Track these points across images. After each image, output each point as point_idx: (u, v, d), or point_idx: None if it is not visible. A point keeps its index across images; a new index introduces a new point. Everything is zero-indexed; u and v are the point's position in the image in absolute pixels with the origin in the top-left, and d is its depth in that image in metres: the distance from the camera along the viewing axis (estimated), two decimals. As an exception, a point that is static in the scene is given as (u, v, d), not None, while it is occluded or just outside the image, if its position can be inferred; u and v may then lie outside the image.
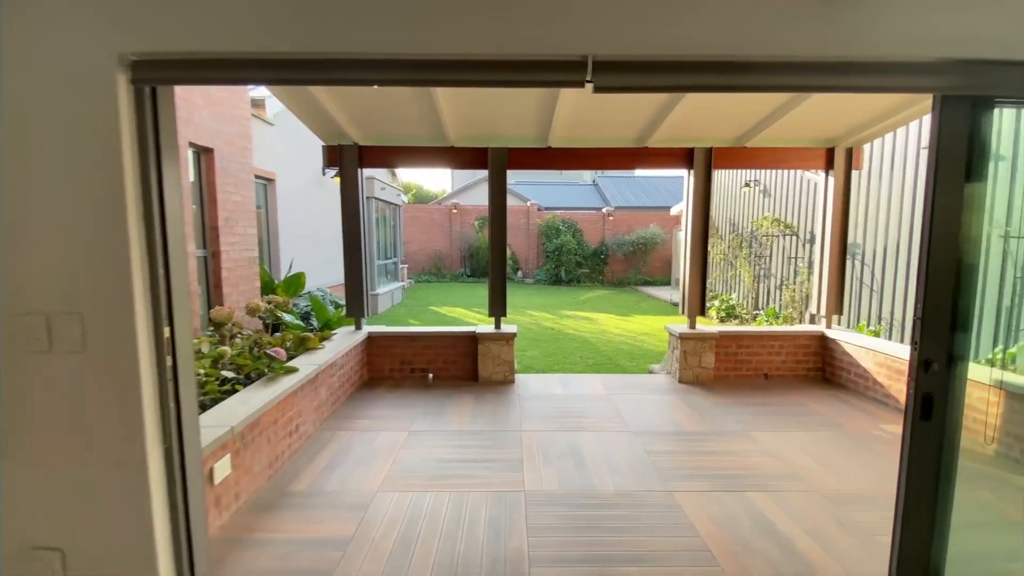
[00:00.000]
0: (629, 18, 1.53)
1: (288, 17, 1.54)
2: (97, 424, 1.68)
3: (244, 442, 2.72)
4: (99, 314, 1.64)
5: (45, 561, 1.74)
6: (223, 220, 4.73)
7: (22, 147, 1.58)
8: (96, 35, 1.52)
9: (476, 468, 3.18)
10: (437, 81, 1.65)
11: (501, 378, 5.06)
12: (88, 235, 1.61)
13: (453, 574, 2.17)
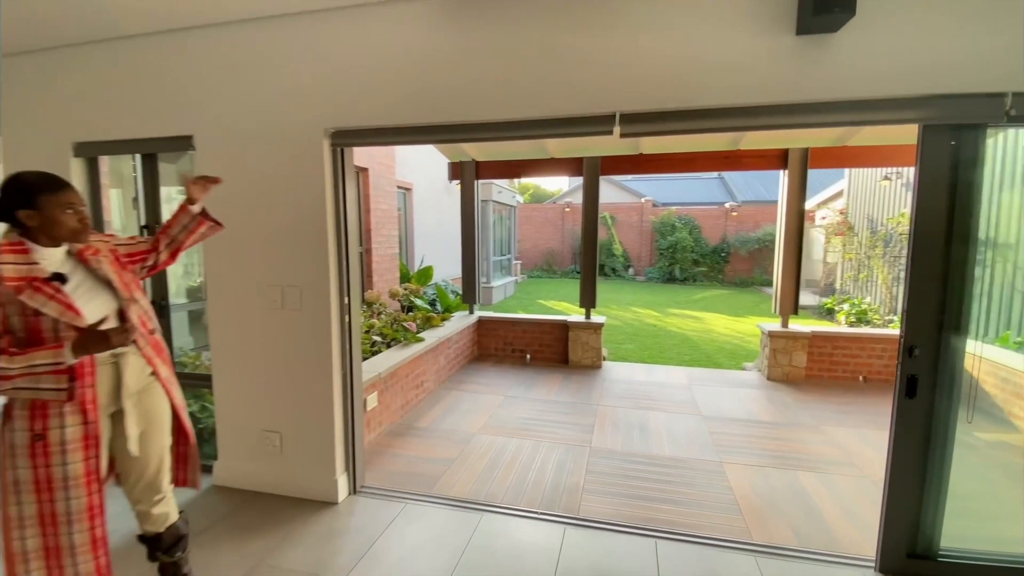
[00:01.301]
0: (644, 82, 2.13)
1: (421, 100, 2.40)
2: (305, 354, 2.73)
3: (386, 385, 3.77)
4: (309, 287, 2.68)
5: (271, 439, 2.85)
6: (374, 224, 6.04)
7: (277, 183, 2.67)
8: (319, 119, 2.54)
9: (554, 427, 3.89)
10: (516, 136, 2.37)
11: (589, 363, 5.68)
12: (305, 237, 2.65)
13: (524, 490, 2.92)
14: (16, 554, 1.45)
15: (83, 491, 1.49)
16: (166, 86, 2.73)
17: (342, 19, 2.45)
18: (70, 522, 1.48)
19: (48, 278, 1.45)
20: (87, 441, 1.49)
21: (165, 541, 1.80)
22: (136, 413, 1.66)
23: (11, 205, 1.46)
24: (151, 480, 1.74)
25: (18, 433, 1.44)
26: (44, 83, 2.94)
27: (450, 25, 2.32)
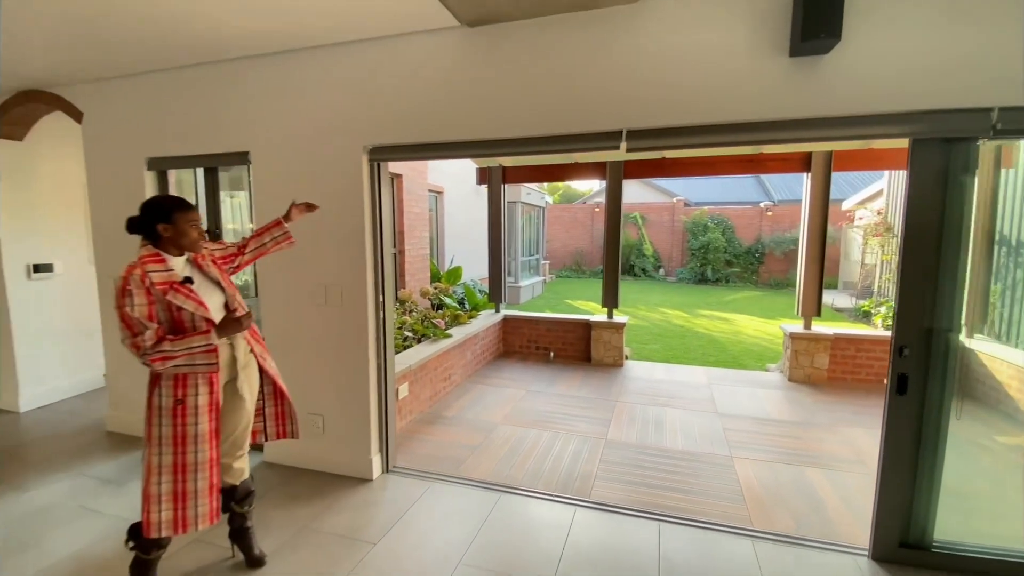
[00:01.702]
0: (648, 102, 2.33)
1: (449, 119, 2.67)
2: (344, 346, 3.05)
3: (416, 377, 4.08)
4: (349, 285, 2.99)
5: (314, 421, 3.19)
6: (407, 227, 6.39)
7: (321, 193, 2.99)
8: (360, 138, 2.85)
9: (572, 420, 4.11)
10: (533, 152, 2.61)
11: (611, 361, 5.86)
12: (346, 241, 2.97)
13: (540, 474, 3.16)
14: (152, 496, 1.83)
15: (207, 446, 1.88)
16: (227, 109, 3.10)
17: (380, 48, 2.75)
18: (196, 471, 1.86)
19: (182, 281, 1.85)
20: (212, 407, 1.89)
21: (239, 492, 2.16)
22: (244, 381, 2.07)
23: (152, 220, 1.87)
24: (237, 438, 2.11)
25: (164, 399, 1.84)
26: (122, 106, 3.37)
27: (476, 53, 2.59)
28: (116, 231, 3.43)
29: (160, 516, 1.82)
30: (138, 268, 1.78)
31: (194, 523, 1.86)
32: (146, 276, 1.78)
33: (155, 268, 1.81)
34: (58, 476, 3.09)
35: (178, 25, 2.53)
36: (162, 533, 1.83)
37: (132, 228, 1.90)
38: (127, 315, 1.74)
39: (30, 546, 2.41)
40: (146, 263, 1.81)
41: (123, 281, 1.76)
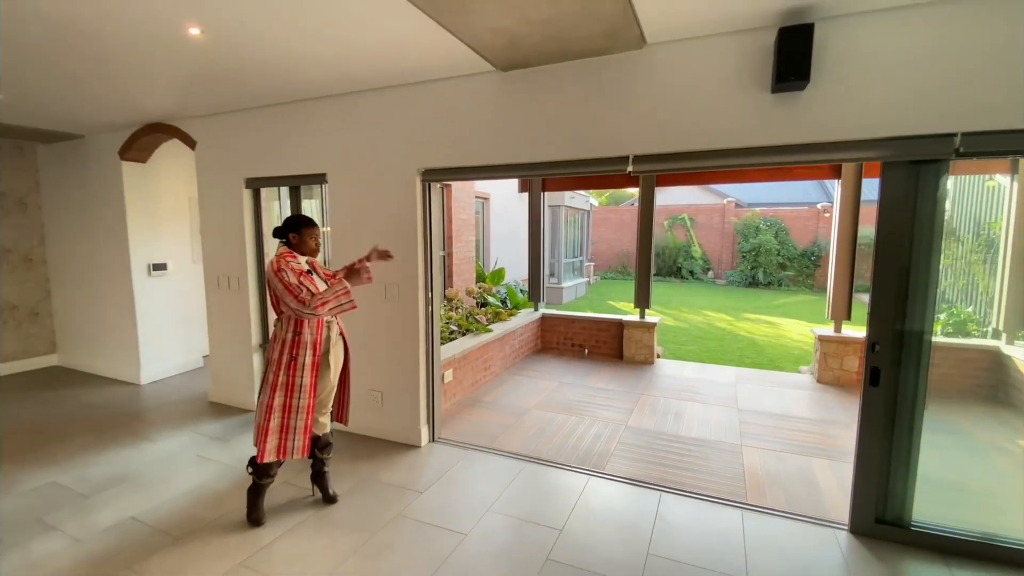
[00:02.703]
0: (651, 131, 2.75)
1: (488, 146, 3.20)
2: (400, 335, 3.65)
3: (459, 365, 4.65)
4: (404, 284, 3.59)
5: (375, 396, 3.81)
6: (455, 231, 7.01)
7: (381, 207, 3.61)
8: (414, 162, 3.44)
9: (598, 408, 4.53)
10: (557, 173, 3.07)
11: (642, 359, 6.20)
12: (402, 246, 3.56)
13: (563, 450, 3.63)
14: (266, 429, 2.50)
15: (308, 395, 2.53)
16: (308, 138, 3.79)
17: (430, 89, 3.33)
18: (298, 413, 2.52)
19: (307, 271, 2.55)
20: (314, 367, 2.56)
21: (321, 442, 2.81)
22: (333, 355, 2.72)
23: (289, 231, 2.60)
24: (324, 400, 2.76)
25: (285, 356, 2.51)
26: (227, 136, 4.15)
27: (508, 92, 3.10)
28: (221, 236, 4.24)
29: (269, 444, 2.48)
30: (283, 257, 2.50)
31: (291, 452, 2.52)
32: (288, 265, 2.47)
33: (292, 260, 2.52)
34: (177, 433, 3.90)
35: (272, 74, 3.21)
36: (271, 458, 2.49)
37: (276, 234, 2.66)
38: (288, 283, 2.42)
39: (165, 481, 3.16)
40: (285, 256, 2.52)
41: (276, 263, 2.47)
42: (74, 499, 2.95)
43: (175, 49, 2.74)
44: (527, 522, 2.73)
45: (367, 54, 2.85)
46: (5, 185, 5.40)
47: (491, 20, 2.38)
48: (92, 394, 4.86)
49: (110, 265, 5.13)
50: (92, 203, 5.17)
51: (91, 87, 3.42)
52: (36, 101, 3.79)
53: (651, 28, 2.52)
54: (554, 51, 2.77)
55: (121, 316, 5.14)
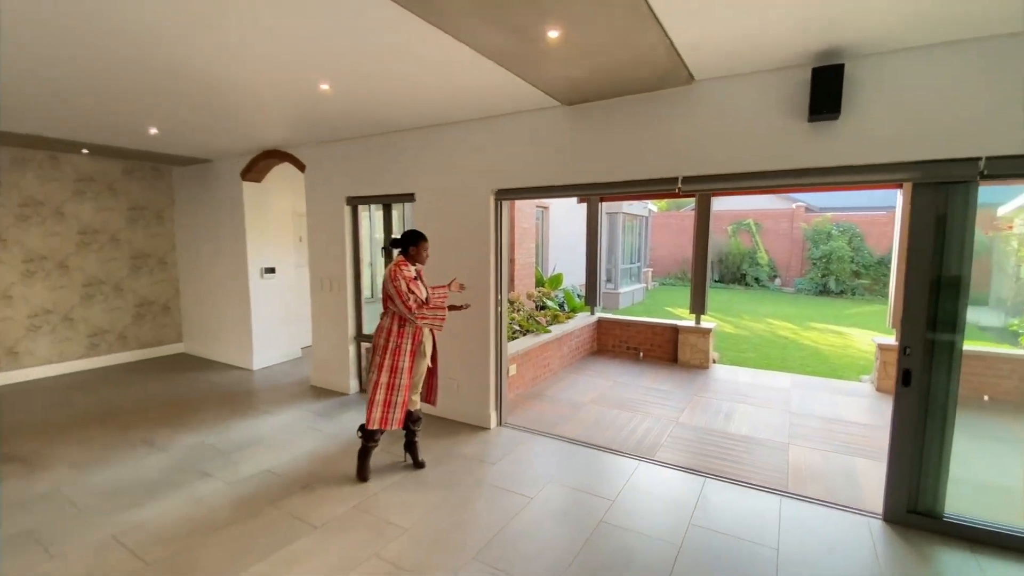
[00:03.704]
0: (699, 155, 3.13)
1: (551, 169, 3.70)
2: (473, 331, 4.21)
3: (522, 361, 5.16)
4: (479, 287, 4.14)
5: (452, 383, 4.38)
6: (517, 240, 7.55)
7: (460, 222, 4.19)
8: (489, 183, 4.00)
9: (650, 406, 4.88)
10: (613, 193, 3.52)
11: (697, 363, 6.43)
12: (476, 255, 4.12)
13: (616, 439, 4.03)
14: (373, 402, 3.13)
15: (406, 376, 3.16)
16: (399, 163, 4.46)
17: (503, 121, 3.87)
18: (398, 391, 3.14)
19: (414, 278, 3.16)
20: (412, 353, 3.18)
21: (414, 416, 3.42)
22: (426, 345, 3.32)
23: (408, 243, 3.22)
24: (417, 382, 3.37)
25: (391, 343, 3.14)
26: (331, 161, 4.92)
27: (571, 123, 3.58)
28: (324, 245, 5.01)
29: (375, 414, 3.11)
30: (398, 268, 3.13)
31: (391, 423, 3.13)
32: (401, 273, 3.10)
33: (405, 269, 3.15)
34: (289, 409, 4.68)
35: (375, 113, 3.88)
36: (375, 426, 3.12)
37: (395, 244, 3.30)
38: (400, 289, 3.06)
39: (287, 444, 3.90)
40: (401, 265, 3.15)
41: (393, 271, 3.11)
42: (221, 455, 3.73)
43: (305, 99, 3.46)
44: (583, 492, 3.18)
45: (454, 97, 3.43)
46: (146, 200, 6.56)
47: (559, 72, 2.88)
48: (215, 376, 5.82)
49: (230, 268, 6.11)
50: (216, 216, 6.19)
51: (225, 123, 4.26)
52: (181, 134, 4.71)
53: (698, 69, 2.91)
54: (611, 89, 3.22)
55: (238, 311, 6.11)
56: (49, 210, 5.69)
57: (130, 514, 2.94)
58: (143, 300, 6.60)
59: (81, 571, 2.44)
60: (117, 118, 4.02)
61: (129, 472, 3.46)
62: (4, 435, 4.06)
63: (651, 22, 2.26)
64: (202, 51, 2.62)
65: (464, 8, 2.13)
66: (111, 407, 4.75)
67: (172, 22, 2.29)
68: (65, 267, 5.85)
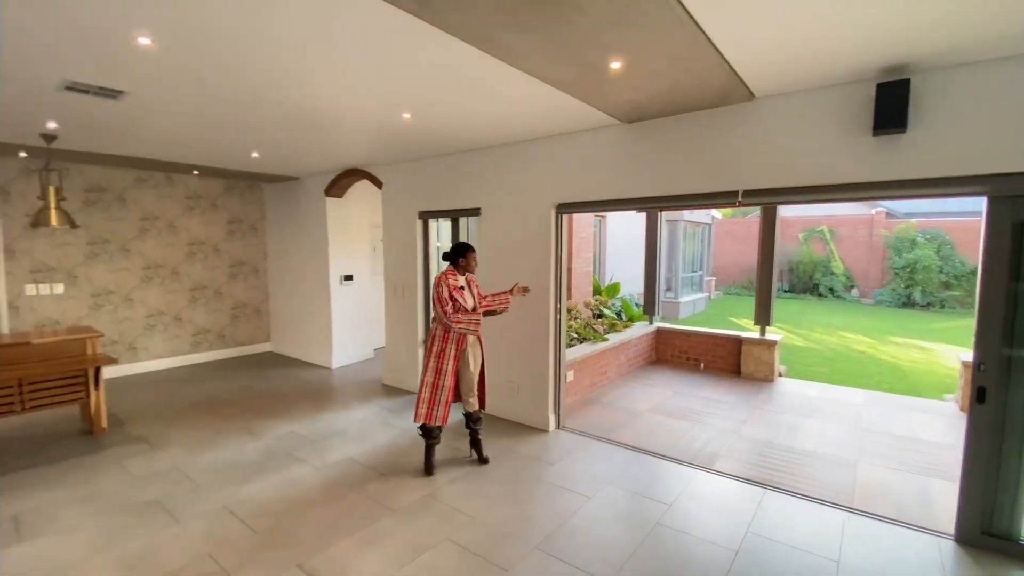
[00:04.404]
0: (760, 169, 3.19)
1: (611, 183, 3.87)
2: (533, 337, 4.44)
3: (579, 368, 5.32)
4: (539, 295, 4.37)
5: (512, 386, 4.62)
6: (575, 249, 7.72)
7: (522, 234, 4.45)
8: (550, 198, 4.24)
9: (710, 418, 4.87)
10: (672, 206, 3.64)
11: (761, 376, 6.29)
12: (537, 265, 4.36)
13: (674, 448, 4.09)
14: (420, 399, 3.45)
15: (450, 378, 3.44)
16: (467, 180, 4.80)
17: (564, 139, 4.10)
18: (442, 390, 3.43)
19: (461, 287, 3.45)
20: (456, 358, 3.46)
21: (473, 416, 3.68)
22: (471, 353, 3.58)
23: (457, 255, 3.52)
24: (470, 385, 3.63)
25: (436, 348, 3.45)
26: (405, 178, 5.35)
27: (630, 139, 3.75)
28: (398, 256, 5.44)
29: (420, 411, 3.44)
30: (444, 277, 3.43)
31: (434, 419, 3.45)
32: (446, 281, 3.39)
33: (452, 279, 3.45)
34: (365, 405, 5.12)
35: (447, 136, 4.22)
36: (420, 421, 3.44)
37: (445, 257, 3.60)
38: (441, 296, 3.37)
39: (365, 436, 4.30)
40: (448, 275, 3.45)
41: (439, 280, 3.42)
42: (309, 442, 4.19)
43: (388, 126, 3.86)
44: (640, 495, 3.31)
45: (520, 120, 3.70)
46: (243, 214, 7.34)
47: (621, 96, 3.06)
48: (300, 373, 6.42)
49: (313, 275, 6.73)
50: (303, 228, 6.84)
51: (315, 147, 4.77)
52: (277, 156, 5.30)
53: (758, 87, 3.00)
54: (672, 108, 3.36)
55: (320, 315, 6.70)
56: (164, 224, 6.54)
57: (237, 489, 3.39)
58: (238, 303, 7.38)
59: (202, 533, 2.89)
60: (226, 144, 4.63)
61: (233, 455, 3.96)
62: (129, 419, 4.75)
63: (708, 48, 2.40)
64: (306, 89, 3.04)
65: (535, 48, 2.38)
66: (213, 398, 5.40)
67: (284, 66, 2.70)
68: (176, 274, 6.69)
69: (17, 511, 3.08)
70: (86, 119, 3.65)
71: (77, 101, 3.21)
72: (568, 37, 2.27)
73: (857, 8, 2.04)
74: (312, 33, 2.27)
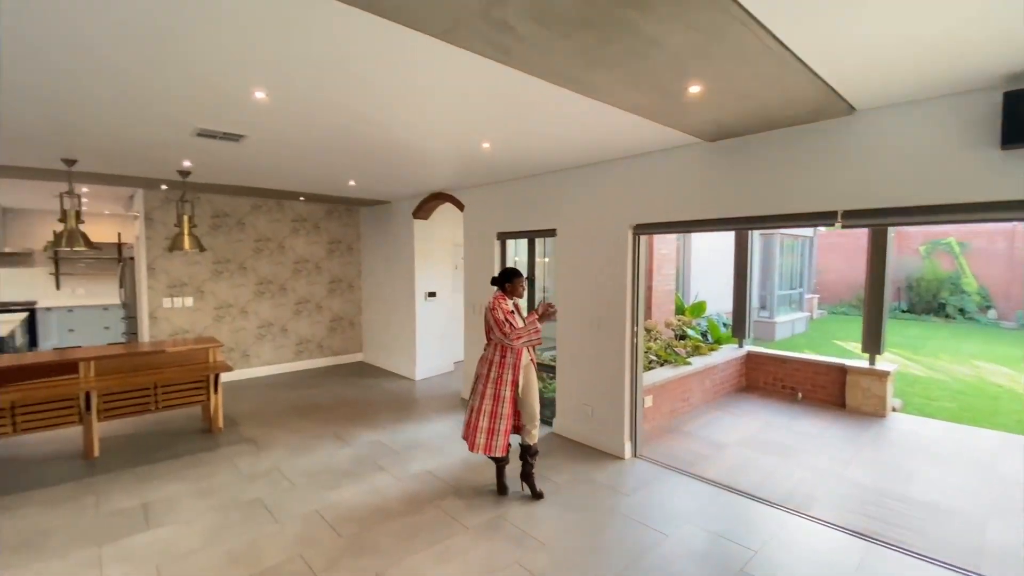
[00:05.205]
0: (862, 188, 2.91)
1: (690, 204, 3.73)
2: (607, 360, 4.35)
3: (658, 393, 5.12)
4: (614, 317, 4.29)
5: (586, 409, 4.56)
6: (655, 266, 7.48)
7: (597, 255, 4.41)
8: (627, 219, 4.17)
9: (806, 455, 4.44)
10: (759, 227, 3.42)
11: (870, 410, 5.63)
12: (612, 287, 4.29)
13: (762, 487, 3.78)
14: (475, 428, 3.42)
15: (508, 405, 3.42)
16: (542, 202, 4.86)
17: (642, 159, 4.02)
18: (501, 418, 3.41)
19: (511, 311, 3.48)
20: (513, 383, 3.44)
21: (531, 449, 3.59)
22: (525, 377, 3.54)
23: (505, 280, 3.57)
24: (531, 413, 3.57)
25: (492, 373, 3.45)
26: (485, 201, 5.54)
27: (712, 158, 3.59)
28: (477, 274, 5.62)
29: (479, 440, 3.40)
30: (496, 301, 3.47)
31: (494, 450, 3.39)
32: (500, 305, 3.43)
33: (503, 302, 3.48)
34: (445, 418, 5.32)
35: (524, 161, 4.32)
36: (479, 452, 3.40)
37: (494, 282, 3.66)
38: (498, 319, 3.39)
39: (442, 450, 4.46)
40: (498, 299, 3.48)
41: (492, 303, 3.45)
42: (392, 452, 4.42)
43: (468, 155, 4.05)
44: (722, 538, 3.10)
45: (596, 143, 3.70)
46: (341, 235, 7.99)
47: (701, 116, 2.96)
48: (387, 383, 6.82)
49: (401, 292, 7.14)
50: (393, 248, 7.30)
51: (405, 175, 5.10)
52: (371, 184, 5.72)
53: (860, 100, 2.75)
54: (759, 125, 3.18)
55: (406, 329, 7.09)
56: (275, 244, 7.30)
57: (328, 494, 3.67)
58: (335, 316, 8.02)
59: (295, 533, 3.16)
60: (327, 175, 5.10)
61: (326, 460, 4.29)
62: (241, 420, 5.32)
63: (799, 68, 2.26)
64: (396, 127, 3.29)
65: (612, 81, 2.38)
66: (312, 403, 5.90)
67: (377, 110, 2.95)
68: (284, 289, 7.43)
69: (148, 500, 3.57)
70: (213, 158, 4.22)
71: (206, 144, 3.72)
72: (645, 69, 2.25)
73: (977, 17, 1.81)
74: (402, 83, 2.48)
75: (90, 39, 2.01)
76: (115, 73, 2.36)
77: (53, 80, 2.43)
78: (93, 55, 2.15)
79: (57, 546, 2.99)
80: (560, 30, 1.89)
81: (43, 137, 3.47)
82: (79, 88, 2.55)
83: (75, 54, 2.14)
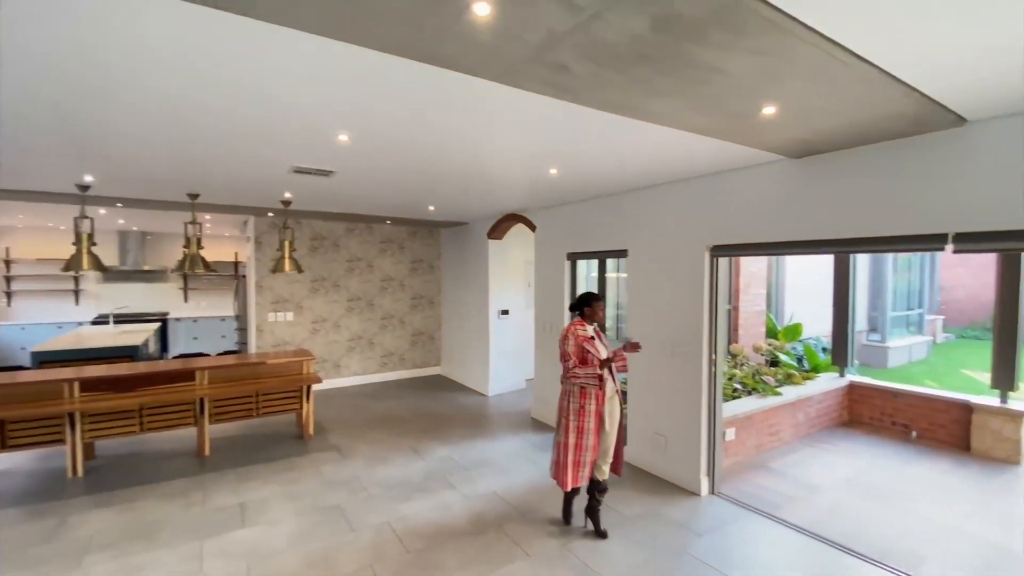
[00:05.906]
0: (977, 208, 2.54)
1: (771, 225, 3.47)
2: (682, 387, 4.14)
3: (742, 425, 4.76)
4: (689, 343, 4.09)
5: (659, 440, 4.36)
6: (742, 285, 7.01)
7: (671, 277, 4.25)
8: (703, 240, 3.98)
9: (916, 502, 3.89)
10: (851, 251, 3.10)
11: (1002, 456, 4.82)
12: (688, 312, 4.09)
13: (860, 538, 3.37)
14: (564, 464, 3.33)
15: (592, 438, 3.30)
16: (615, 223, 4.78)
17: (719, 178, 3.83)
18: (586, 450, 3.30)
19: (591, 337, 3.40)
20: (597, 414, 3.31)
21: (600, 485, 3.46)
22: (610, 408, 3.41)
23: (584, 304, 3.46)
24: (607, 449, 3.44)
25: (574, 404, 3.35)
26: (556, 222, 5.57)
27: (797, 176, 3.33)
28: (548, 294, 5.64)
29: (568, 476, 3.29)
30: (573, 328, 3.37)
31: (581, 480, 3.29)
32: (575, 332, 3.34)
33: (580, 329, 3.37)
34: (514, 436, 5.36)
35: (593, 182, 4.29)
36: (569, 488, 3.31)
37: (572, 308, 3.56)
38: (564, 350, 3.33)
39: (510, 470, 4.49)
40: (576, 327, 3.38)
41: (565, 332, 3.37)
42: (462, 469, 4.54)
43: (536, 181, 4.12)
44: (807, 595, 2.80)
45: (668, 164, 3.59)
46: (423, 255, 8.41)
47: (779, 135, 2.77)
48: (461, 398, 7.02)
49: (477, 309, 7.35)
50: (469, 267, 7.55)
51: (480, 198, 5.27)
52: (449, 208, 5.99)
53: (971, 111, 2.42)
54: (849, 141, 2.90)
55: (480, 345, 7.27)
56: (364, 264, 7.86)
57: (399, 507, 3.84)
58: (417, 331, 8.43)
59: (368, 543, 3.33)
60: (409, 202, 5.43)
61: (401, 472, 4.50)
62: (329, 427, 5.73)
63: (887, 80, 2.04)
64: (469, 158, 3.44)
65: (675, 108, 2.32)
66: (391, 414, 6.22)
67: (451, 145, 3.11)
68: (372, 305, 7.96)
69: (244, 500, 3.97)
70: (309, 189, 4.68)
71: (303, 179, 4.14)
72: (709, 95, 2.17)
73: (1116, 11, 1.54)
74: (473, 122, 2.65)
75: (208, 107, 2.35)
76: (232, 128, 2.75)
77: (189, 141, 2.94)
78: (215, 115, 2.52)
79: (168, 537, 3.41)
80: (615, 66, 1.88)
81: (174, 179, 4.08)
82: (202, 139, 2.98)
83: (204, 112, 2.52)
